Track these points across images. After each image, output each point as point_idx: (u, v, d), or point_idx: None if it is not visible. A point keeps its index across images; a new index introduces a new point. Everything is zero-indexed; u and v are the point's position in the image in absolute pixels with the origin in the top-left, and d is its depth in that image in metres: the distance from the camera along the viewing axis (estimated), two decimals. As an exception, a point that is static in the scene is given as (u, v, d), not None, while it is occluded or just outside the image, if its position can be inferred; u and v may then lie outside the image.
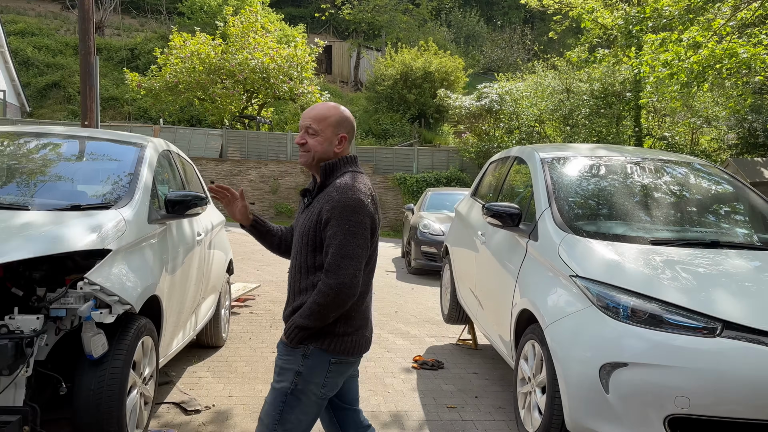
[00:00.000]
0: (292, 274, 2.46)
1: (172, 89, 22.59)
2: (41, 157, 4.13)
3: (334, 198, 2.32)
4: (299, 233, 2.43)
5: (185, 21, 33.63)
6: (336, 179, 2.40)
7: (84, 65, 9.93)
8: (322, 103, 2.51)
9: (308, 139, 2.43)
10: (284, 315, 2.49)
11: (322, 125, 2.43)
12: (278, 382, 2.37)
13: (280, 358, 2.40)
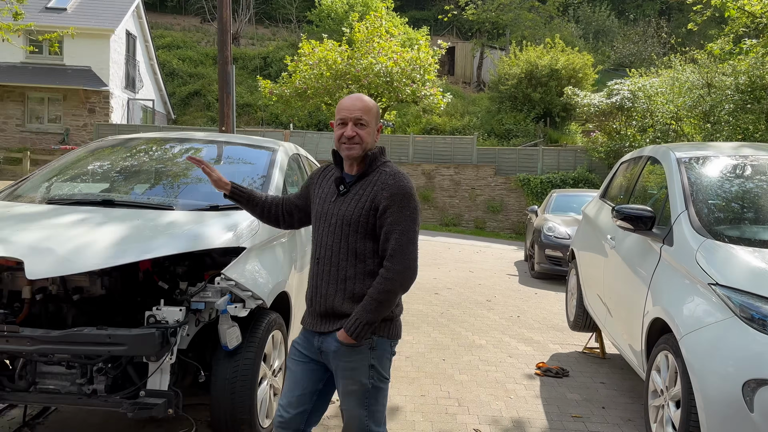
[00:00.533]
0: (333, 262, 2.42)
1: (301, 95, 23.57)
2: (184, 161, 4.47)
3: (392, 185, 2.40)
4: (339, 221, 2.42)
5: (314, 29, 34.98)
6: (378, 168, 2.48)
7: (221, 74, 10.62)
8: (360, 95, 2.56)
9: (359, 131, 2.45)
10: (326, 305, 2.42)
11: (369, 116, 2.49)
12: (353, 384, 2.41)
13: (346, 361, 2.40)
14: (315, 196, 2.59)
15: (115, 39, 24.30)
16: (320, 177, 2.63)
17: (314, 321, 2.48)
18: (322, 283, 2.44)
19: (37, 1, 23.06)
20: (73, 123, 23.84)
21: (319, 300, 2.45)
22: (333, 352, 2.41)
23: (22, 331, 2.80)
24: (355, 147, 2.45)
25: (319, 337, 2.46)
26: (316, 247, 2.50)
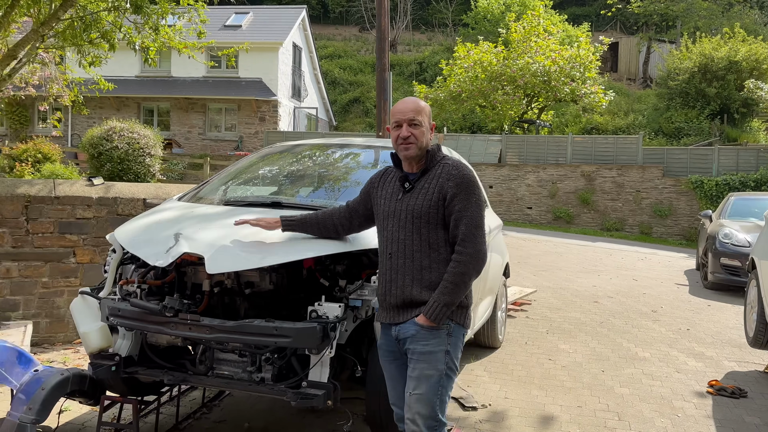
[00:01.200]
0: (407, 255, 2.58)
1: (455, 98, 23.65)
2: (344, 165, 4.68)
3: (456, 175, 2.60)
4: (409, 215, 2.59)
5: (469, 31, 34.92)
6: (439, 162, 2.65)
7: (379, 81, 10.96)
8: (411, 98, 2.74)
9: (413, 132, 2.62)
10: (402, 297, 2.58)
11: (422, 117, 2.65)
12: (430, 368, 2.53)
13: (423, 344, 2.53)
14: (378, 197, 2.77)
15: (283, 51, 26.00)
16: (381, 180, 2.82)
17: (391, 314, 2.66)
18: (398, 276, 2.61)
19: (217, 21, 25.31)
20: (246, 131, 25.87)
21: (395, 292, 2.61)
22: (410, 337, 2.57)
23: (202, 320, 3.10)
24: (411, 146, 2.62)
25: (395, 328, 2.64)
26: (387, 243, 2.66)
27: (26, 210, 5.27)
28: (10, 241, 5.24)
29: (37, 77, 10.89)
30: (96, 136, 14.07)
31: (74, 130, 25.52)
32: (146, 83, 25.73)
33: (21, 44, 7.22)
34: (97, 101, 23.70)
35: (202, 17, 8.15)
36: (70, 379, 3.12)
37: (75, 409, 3.99)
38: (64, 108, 19.75)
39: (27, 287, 5.30)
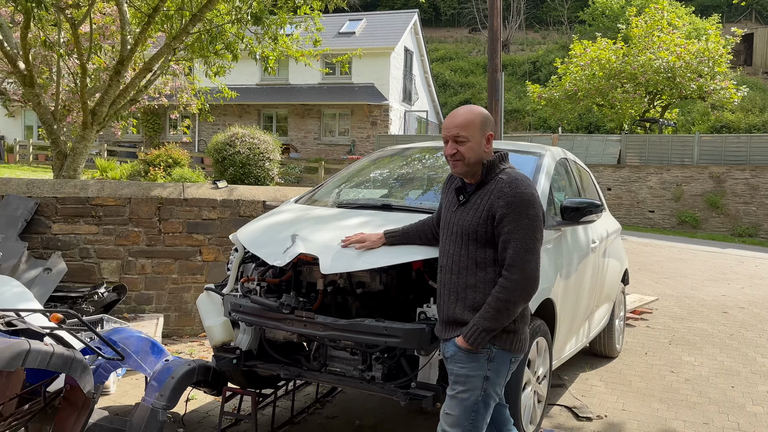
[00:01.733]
0: (453, 271, 2.50)
1: (571, 97, 22.91)
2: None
3: (508, 193, 2.42)
4: (459, 230, 2.50)
5: (586, 28, 33.71)
6: (496, 175, 2.50)
7: (491, 82, 10.84)
8: (463, 108, 2.58)
9: (459, 148, 2.51)
10: (447, 313, 2.52)
11: (470, 131, 2.50)
12: (464, 392, 2.44)
13: (460, 366, 2.44)
14: (441, 204, 2.74)
15: (394, 56, 26.35)
16: (446, 186, 2.74)
17: (440, 328, 2.62)
18: (445, 291, 2.54)
19: (331, 28, 26.10)
20: (358, 135, 26.45)
21: (443, 308, 2.56)
22: (450, 357, 2.49)
23: (316, 318, 3.21)
24: (457, 164, 2.54)
25: (443, 344, 2.58)
26: (441, 255, 2.60)
27: (159, 211, 5.70)
28: (145, 239, 5.68)
29: (169, 88, 11.74)
30: (220, 141, 14.94)
31: (201, 137, 27.24)
32: (266, 91, 26.97)
33: (155, 57, 7.82)
34: (221, 109, 25.14)
35: (317, 26, 8.44)
36: (196, 369, 3.33)
37: (200, 398, 4.26)
38: (192, 116, 21.12)
39: (159, 283, 5.73)
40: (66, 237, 5.57)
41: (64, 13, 7.66)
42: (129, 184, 5.95)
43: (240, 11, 7.74)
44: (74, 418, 3.03)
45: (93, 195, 5.63)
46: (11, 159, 26.13)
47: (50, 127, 7.84)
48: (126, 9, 7.88)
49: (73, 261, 5.55)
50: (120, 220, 5.65)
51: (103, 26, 10.02)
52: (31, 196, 5.53)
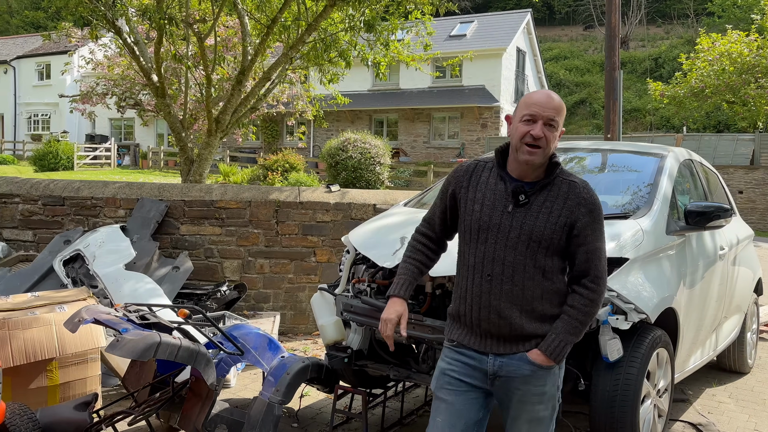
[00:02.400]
0: (515, 280, 2.18)
1: (697, 95, 21.52)
2: (568, 170, 4.53)
3: (589, 200, 2.22)
4: (525, 236, 2.18)
5: (714, 21, 31.58)
6: (560, 176, 2.25)
7: (608, 80, 10.41)
8: (550, 91, 2.25)
9: (547, 133, 2.17)
10: (509, 326, 2.19)
11: (560, 118, 2.20)
12: (546, 410, 2.27)
13: (540, 385, 2.24)
14: (468, 200, 2.28)
15: (506, 57, 25.96)
16: (469, 178, 2.32)
17: (485, 342, 2.25)
18: (499, 303, 2.19)
19: (442, 32, 26.11)
20: (468, 138, 26.28)
21: (494, 320, 2.20)
22: (523, 377, 2.22)
23: (424, 320, 3.22)
24: (537, 151, 2.18)
25: (495, 360, 2.23)
26: (485, 262, 2.21)
27: (276, 214, 5.96)
28: (263, 240, 5.96)
29: (286, 95, 12.24)
30: (333, 146, 15.38)
31: (315, 142, 28.17)
32: (377, 96, 27.45)
33: (274, 67, 8.19)
34: (334, 115, 25.88)
35: (429, 30, 8.49)
36: (310, 367, 3.45)
37: (313, 395, 4.40)
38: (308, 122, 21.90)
39: (276, 282, 5.99)
40: (192, 237, 5.96)
41: (192, 27, 8.20)
42: (249, 188, 6.27)
43: (353, 19, 7.94)
44: (199, 407, 3.23)
45: (217, 198, 5.98)
46: (145, 165, 28.30)
47: (179, 134, 8.42)
48: (247, 21, 8.32)
49: (199, 260, 5.92)
50: (241, 222, 5.96)
51: (226, 38, 10.64)
52: (162, 199, 5.96)
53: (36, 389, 3.61)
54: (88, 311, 3.16)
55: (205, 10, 8.89)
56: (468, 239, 2.29)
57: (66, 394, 3.72)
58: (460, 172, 2.37)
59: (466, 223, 2.29)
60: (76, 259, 5.34)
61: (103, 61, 14.61)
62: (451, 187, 2.37)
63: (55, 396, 3.69)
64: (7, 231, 6.13)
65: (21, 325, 3.57)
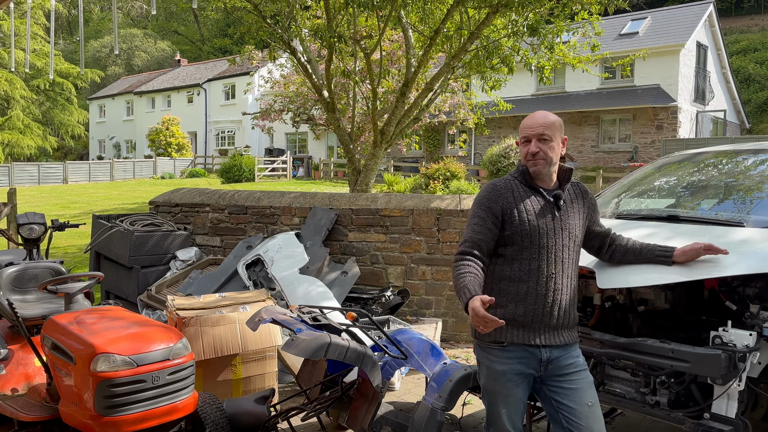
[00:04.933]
0: (569, 274, 2.56)
1: None
2: (758, 174, 4.10)
3: (591, 196, 2.75)
4: (570, 235, 2.57)
5: None
6: (566, 179, 2.63)
7: (809, 73, 9.24)
8: (541, 111, 2.61)
9: (542, 147, 2.54)
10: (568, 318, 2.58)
11: (553, 131, 2.55)
12: (596, 395, 2.58)
13: (578, 355, 2.61)
14: (519, 213, 2.54)
15: (684, 53, 24.06)
16: (511, 194, 2.58)
17: (545, 336, 2.53)
18: (562, 297, 2.54)
19: (612, 31, 24.85)
20: (641, 140, 24.68)
21: (558, 313, 2.53)
22: (567, 354, 2.56)
23: (593, 334, 3.09)
24: (540, 162, 2.55)
25: (548, 350, 2.53)
26: (548, 264, 2.52)
27: (437, 221, 6.04)
28: (425, 248, 6.07)
29: (448, 105, 12.36)
30: (495, 154, 15.23)
31: (476, 150, 28.09)
32: (541, 101, 26.76)
33: (436, 77, 8.32)
34: (496, 122, 25.63)
35: (597, 30, 8.14)
36: (472, 374, 3.44)
37: (476, 404, 4.38)
38: (468, 130, 21.90)
39: (437, 289, 6.06)
40: (359, 244, 6.22)
41: (359, 44, 8.59)
42: (411, 196, 6.41)
43: (516, 24, 7.84)
44: (365, 408, 3.36)
45: (381, 207, 6.20)
46: (317, 176, 30.05)
47: (347, 146, 8.84)
48: (411, 34, 8.54)
49: (365, 266, 6.17)
50: (404, 230, 6.12)
51: (391, 52, 10.99)
52: (332, 208, 6.29)
53: (222, 382, 3.98)
54: (267, 312, 3.42)
55: (371, 26, 9.27)
56: (526, 247, 2.54)
57: (247, 388, 4.06)
58: (504, 191, 2.60)
59: (522, 232, 2.54)
60: (256, 263, 5.81)
61: (279, 80, 15.77)
62: (497, 206, 2.57)
63: (238, 389, 4.04)
64: (199, 237, 6.83)
65: (210, 322, 3.96)
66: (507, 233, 2.54)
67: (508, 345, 2.54)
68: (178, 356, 3.09)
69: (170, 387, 3.03)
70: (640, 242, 2.92)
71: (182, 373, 3.09)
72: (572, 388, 2.55)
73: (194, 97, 40.79)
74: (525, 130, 2.61)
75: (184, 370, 3.11)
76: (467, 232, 2.60)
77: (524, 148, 2.61)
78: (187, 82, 41.40)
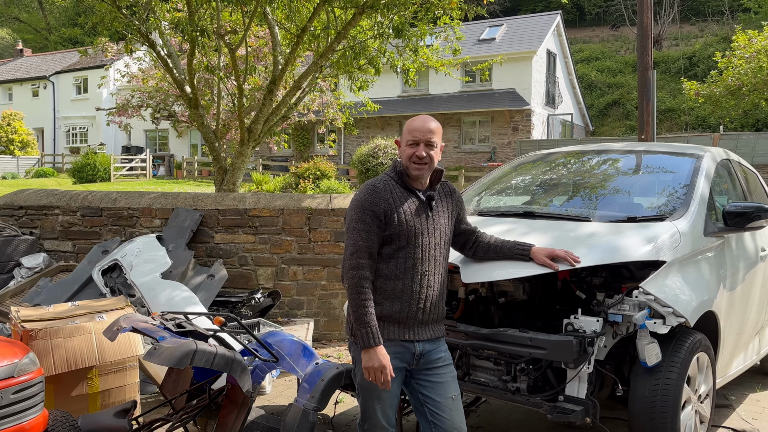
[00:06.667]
0: (440, 271, 2.67)
1: (734, 93, 21.01)
2: (602, 172, 4.47)
3: (459, 193, 2.86)
4: (442, 235, 2.68)
5: (751, 17, 30.89)
6: (440, 180, 2.74)
7: (641, 81, 10.24)
8: (427, 116, 2.71)
9: (429, 152, 2.62)
10: (438, 314, 2.70)
11: (437, 137, 2.66)
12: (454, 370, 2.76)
13: (445, 349, 2.75)
14: (399, 214, 2.59)
15: (536, 59, 25.75)
16: (389, 196, 2.61)
17: (419, 330, 2.64)
18: (433, 293, 2.64)
19: (471, 36, 26.04)
20: (498, 141, 26.12)
21: (429, 309, 2.64)
22: (437, 348, 2.69)
23: (458, 326, 3.21)
24: (424, 167, 2.63)
25: (421, 344, 2.64)
26: (422, 261, 2.61)
27: (308, 221, 6.01)
28: (296, 248, 6.01)
29: (317, 104, 12.33)
30: (364, 153, 15.43)
31: (346, 149, 28.31)
32: (407, 102, 27.48)
33: (304, 75, 8.26)
34: (364, 122, 25.99)
35: (457, 35, 8.46)
36: (344, 373, 3.45)
37: (348, 402, 4.41)
38: (338, 129, 22.01)
39: (309, 289, 6.03)
40: (226, 246, 6.04)
41: (223, 39, 8.33)
42: (282, 196, 6.33)
43: (382, 26, 7.97)
44: (235, 414, 3.26)
45: (250, 207, 6.06)
46: (179, 175, 28.81)
47: (212, 144, 8.55)
48: (277, 31, 8.42)
49: (233, 268, 6.00)
50: (274, 230, 6.02)
51: (257, 49, 10.78)
52: (197, 209, 6.05)
53: (77, 397, 3.70)
54: (126, 320, 3.22)
55: (236, 21, 9.02)
56: (403, 246, 2.60)
57: (106, 402, 3.80)
58: (383, 194, 2.61)
59: (400, 233, 2.59)
60: (114, 269, 5.46)
61: (137, 74, 14.93)
62: (381, 209, 2.58)
63: (95, 403, 3.77)
64: (48, 242, 6.30)
65: (62, 334, 3.66)
66: (386, 233, 2.59)
67: (384, 341, 2.56)
68: (24, 373, 2.83)
69: (15, 407, 2.76)
70: (501, 239, 3.07)
71: (29, 391, 2.83)
72: (439, 382, 2.65)
73: (40, 91, 37.61)
74: (414, 132, 2.63)
75: (32, 387, 2.85)
76: (355, 239, 2.57)
77: (410, 149, 2.63)
78: (32, 74, 38.08)
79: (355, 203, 2.62)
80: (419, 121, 2.67)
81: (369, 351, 2.48)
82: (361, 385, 2.65)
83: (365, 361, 2.49)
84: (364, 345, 2.49)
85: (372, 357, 2.47)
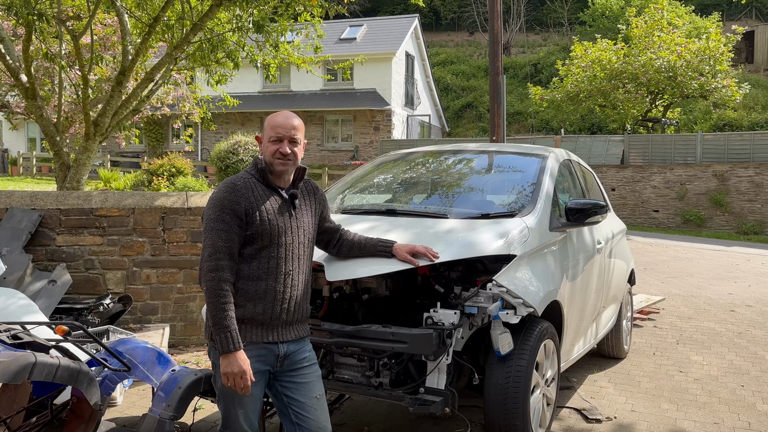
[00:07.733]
0: (304, 270, 2.63)
1: (572, 99, 22.89)
2: (457, 171, 4.66)
3: (320, 189, 2.84)
4: (305, 234, 2.64)
5: (586, 30, 33.75)
6: (303, 178, 2.70)
7: (492, 85, 10.83)
8: (290, 112, 2.64)
9: (293, 149, 2.58)
10: (302, 313, 2.64)
11: (301, 134, 2.63)
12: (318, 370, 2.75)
13: (318, 369, 2.71)
14: (261, 213, 2.49)
15: (396, 61, 26.38)
16: (251, 195, 2.51)
17: (282, 332, 2.57)
18: (297, 293, 2.58)
19: (332, 35, 26.13)
20: (361, 140, 26.47)
21: (293, 309, 2.57)
22: (302, 348, 2.65)
23: (322, 325, 3.20)
24: (288, 164, 2.57)
25: (285, 345, 2.58)
26: (285, 261, 2.54)
27: (163, 221, 5.70)
28: (149, 249, 5.68)
29: (171, 97, 11.75)
30: (223, 150, 14.95)
31: (204, 145, 27.29)
32: (268, 98, 27.02)
33: (157, 67, 7.83)
34: (223, 117, 25.20)
35: (318, 32, 8.44)
36: (203, 379, 3.32)
37: (208, 408, 4.24)
38: (195, 125, 21.13)
39: (164, 293, 5.73)
40: (70, 248, 5.57)
41: (65, 25, 7.69)
42: (132, 194, 5.95)
43: (241, 19, 7.75)
44: (82, 429, 3.02)
45: (97, 206, 5.64)
46: (15, 171, 26.22)
47: (53, 138, 7.86)
48: (127, 20, 7.91)
49: (78, 272, 5.55)
50: (124, 231, 5.65)
51: (104, 37, 10.05)
52: (35, 209, 5.53)
53: None
54: (-51, 333, 2.87)
55: (79, 6, 8.36)
56: (266, 246, 2.52)
57: (-75, 427, 3.36)
58: (245, 193, 2.51)
59: (263, 233, 2.50)
60: (-66, 277, 4.85)
61: (-37, 59, 13.38)
62: (242, 208, 2.48)
63: None
64: None
65: None
66: (248, 233, 2.49)
67: (246, 344, 2.48)
68: None
69: None
70: (364, 237, 3.09)
71: None
72: (303, 383, 2.61)
73: None
74: (278, 129, 2.56)
75: None
76: (214, 240, 2.44)
77: (273, 146, 2.56)
78: None
79: (214, 202, 2.50)
80: (282, 117, 2.60)
81: (228, 356, 2.38)
82: (222, 390, 2.55)
83: (224, 366, 2.39)
84: (223, 350, 2.39)
85: (231, 362, 2.38)
